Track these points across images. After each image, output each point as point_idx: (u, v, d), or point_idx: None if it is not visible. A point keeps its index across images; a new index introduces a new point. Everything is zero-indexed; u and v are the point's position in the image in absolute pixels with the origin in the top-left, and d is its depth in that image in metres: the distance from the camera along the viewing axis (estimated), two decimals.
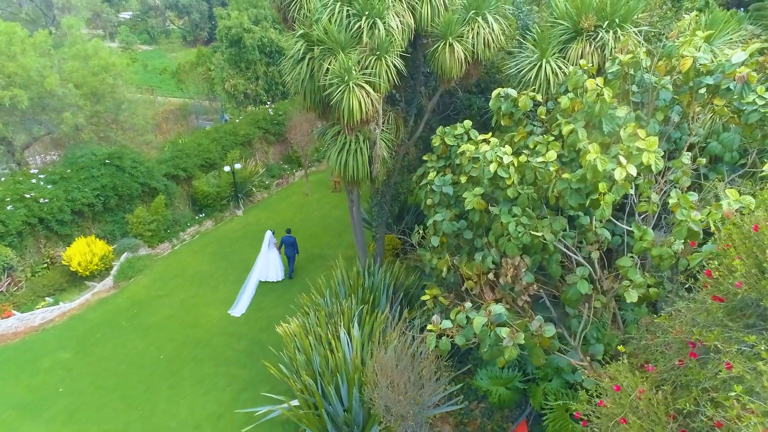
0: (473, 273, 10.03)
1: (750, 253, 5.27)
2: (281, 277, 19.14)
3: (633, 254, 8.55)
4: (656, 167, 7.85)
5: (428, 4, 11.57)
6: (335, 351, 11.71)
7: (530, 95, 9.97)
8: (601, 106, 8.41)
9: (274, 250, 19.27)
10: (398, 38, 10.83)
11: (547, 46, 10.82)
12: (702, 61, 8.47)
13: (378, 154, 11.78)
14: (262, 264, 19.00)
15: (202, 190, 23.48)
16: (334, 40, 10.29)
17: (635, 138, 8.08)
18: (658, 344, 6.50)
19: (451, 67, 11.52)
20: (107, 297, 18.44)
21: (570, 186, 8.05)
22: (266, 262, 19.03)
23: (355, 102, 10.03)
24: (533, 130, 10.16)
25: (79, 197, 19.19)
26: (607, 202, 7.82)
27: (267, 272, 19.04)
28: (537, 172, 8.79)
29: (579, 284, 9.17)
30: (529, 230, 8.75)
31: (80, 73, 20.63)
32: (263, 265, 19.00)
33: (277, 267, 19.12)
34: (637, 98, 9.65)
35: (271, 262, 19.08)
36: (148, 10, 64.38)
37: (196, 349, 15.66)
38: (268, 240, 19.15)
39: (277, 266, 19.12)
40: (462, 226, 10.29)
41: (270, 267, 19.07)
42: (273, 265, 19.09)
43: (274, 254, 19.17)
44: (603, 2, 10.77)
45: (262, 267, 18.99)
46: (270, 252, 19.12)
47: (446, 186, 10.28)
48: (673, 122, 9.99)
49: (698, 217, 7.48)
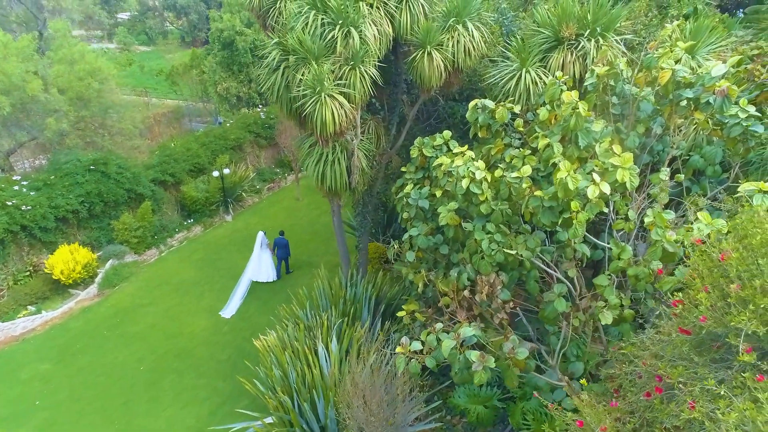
0: (449, 289, 9.77)
1: (716, 284, 5.00)
2: (273, 278, 19.21)
3: (610, 273, 8.28)
4: (631, 185, 7.58)
5: (407, 12, 11.30)
6: (312, 366, 11.47)
7: (508, 107, 9.70)
8: (576, 120, 8.14)
9: (267, 250, 19.32)
10: (374, 47, 10.56)
11: (527, 55, 10.55)
12: (681, 74, 8.19)
13: (356, 164, 11.52)
14: (255, 264, 19.05)
15: (191, 195, 23.25)
16: (308, 49, 10.03)
17: (610, 154, 7.81)
18: (628, 373, 6.24)
19: (430, 76, 11.25)
20: (90, 305, 18.22)
21: (542, 204, 7.78)
22: (258, 262, 19.09)
23: (328, 113, 9.77)
24: (511, 142, 9.89)
25: (63, 204, 18.96)
26: (581, 221, 7.55)
27: (259, 273, 19.11)
28: (511, 187, 8.53)
29: (556, 302, 8.91)
30: (502, 248, 8.48)
31: (65, 77, 20.39)
32: (256, 266, 19.06)
33: (269, 268, 19.19)
34: (617, 110, 9.37)
35: (263, 262, 19.16)
36: (147, 11, 64.18)
37: (178, 360, 15.42)
38: (261, 241, 19.16)
39: (269, 267, 19.19)
40: (438, 241, 10.03)
41: (262, 268, 19.14)
42: (265, 266, 19.17)
43: (267, 255, 19.23)
44: (584, 11, 10.49)
45: (255, 267, 19.04)
46: (262, 253, 19.17)
47: (422, 200, 10.01)
48: (655, 134, 9.71)
49: (673, 237, 7.21)
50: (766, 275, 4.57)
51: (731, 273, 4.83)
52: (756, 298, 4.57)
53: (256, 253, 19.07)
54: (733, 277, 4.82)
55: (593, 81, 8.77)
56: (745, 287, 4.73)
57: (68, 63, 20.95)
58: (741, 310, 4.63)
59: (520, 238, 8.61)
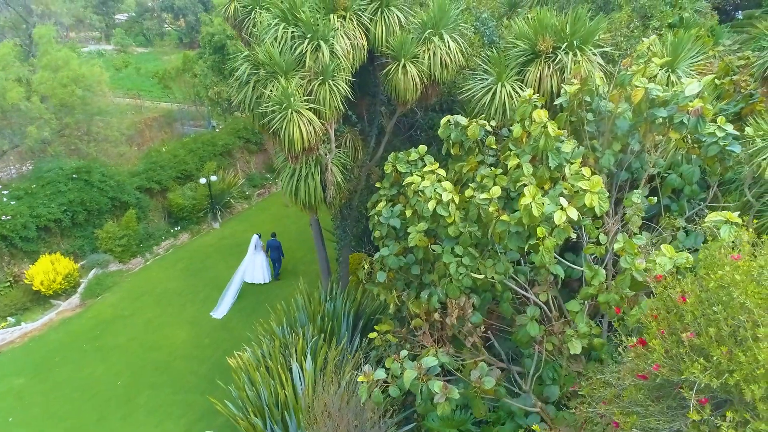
0: (421, 311, 9.49)
1: (673, 329, 4.71)
2: (267, 279, 19.30)
3: (582, 299, 8.00)
4: (600, 209, 7.29)
5: (382, 24, 11.01)
6: (285, 385, 11.20)
7: (480, 123, 9.41)
8: (546, 141, 7.86)
9: (261, 252, 19.39)
10: (345, 62, 10.26)
11: (503, 69, 10.25)
12: (654, 93, 7.89)
13: (330, 180, 11.24)
14: (249, 266, 19.08)
15: (177, 203, 22.98)
16: (276, 63, 9.75)
17: (580, 177, 7.53)
18: (589, 413, 5.95)
19: (405, 90, 10.97)
20: (71, 316, 17.97)
21: (509, 229, 7.49)
22: (252, 264, 19.15)
23: (296, 130, 9.49)
24: (485, 159, 9.60)
25: (45, 213, 18.72)
26: (548, 248, 7.26)
27: (253, 274, 19.18)
28: (480, 209, 8.25)
29: (529, 326, 8.63)
30: (470, 272, 8.20)
31: (48, 84, 20.15)
32: (250, 268, 19.10)
33: (263, 269, 19.28)
34: (591, 128, 9.08)
35: (257, 264, 19.23)
36: (144, 12, 64.00)
37: (155, 375, 15.16)
38: (254, 243, 19.24)
39: (263, 269, 19.27)
40: (410, 261, 9.75)
41: (256, 269, 19.22)
42: (259, 268, 19.24)
43: (261, 257, 19.30)
44: (562, 23, 10.20)
45: (249, 269, 19.09)
46: (256, 255, 19.22)
47: (393, 218, 9.73)
48: (633, 150, 9.40)
49: (643, 265, 6.91)
50: (721, 323, 4.28)
51: (687, 318, 4.55)
52: (711, 348, 4.29)
53: (249, 255, 19.05)
54: (690, 323, 4.54)
55: (564, 100, 8.47)
56: (701, 335, 4.44)
57: (52, 69, 20.72)
58: (695, 359, 4.35)
59: (490, 261, 8.32)
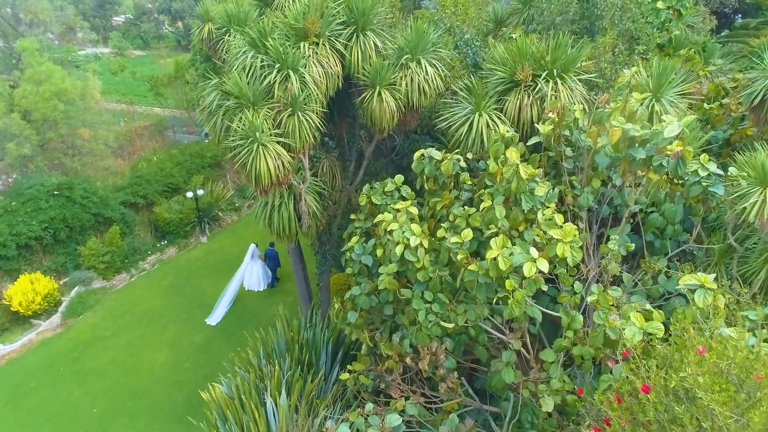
0: (393, 353, 9.11)
1: (635, 422, 4.33)
2: (264, 286, 19.33)
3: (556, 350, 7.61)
4: (573, 260, 6.90)
5: (357, 49, 10.61)
6: (258, 423, 10.84)
7: (455, 158, 9.01)
8: (518, 183, 7.47)
9: (258, 261, 19.44)
10: (315, 91, 9.85)
11: (481, 99, 9.86)
12: (632, 134, 7.49)
13: (304, 210, 10.86)
14: (247, 273, 19.16)
15: (164, 217, 22.61)
16: (243, 94, 9.37)
17: (552, 224, 7.14)
18: None
19: (381, 118, 10.57)
20: (51, 337, 17.64)
21: (477, 279, 7.11)
22: (250, 272, 19.22)
23: (263, 165, 9.10)
24: (460, 194, 9.20)
25: (25, 231, 18.39)
26: (517, 300, 6.88)
27: (250, 281, 19.25)
28: (451, 253, 7.86)
29: (504, 372, 8.26)
30: (440, 320, 7.82)
31: (31, 98, 19.80)
32: (248, 275, 19.18)
33: (259, 277, 19.29)
34: (569, 164, 8.68)
35: (254, 272, 19.27)
36: (142, 14, 63.62)
37: (133, 401, 14.82)
38: (252, 251, 19.28)
39: (259, 276, 19.29)
40: (383, 300, 9.35)
41: (254, 276, 19.27)
42: (257, 275, 19.28)
43: (258, 264, 19.33)
44: (542, 50, 9.79)
45: (247, 276, 19.17)
46: (253, 263, 19.22)
47: (365, 256, 9.34)
48: (615, 184, 8.98)
49: (617, 322, 6.52)
50: (687, 426, 3.89)
51: (648, 414, 4.16)
52: None
53: (246, 263, 19.07)
54: (652, 420, 4.15)
55: (537, 140, 8.08)
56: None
57: (35, 83, 20.38)
58: None
59: (461, 307, 7.94)
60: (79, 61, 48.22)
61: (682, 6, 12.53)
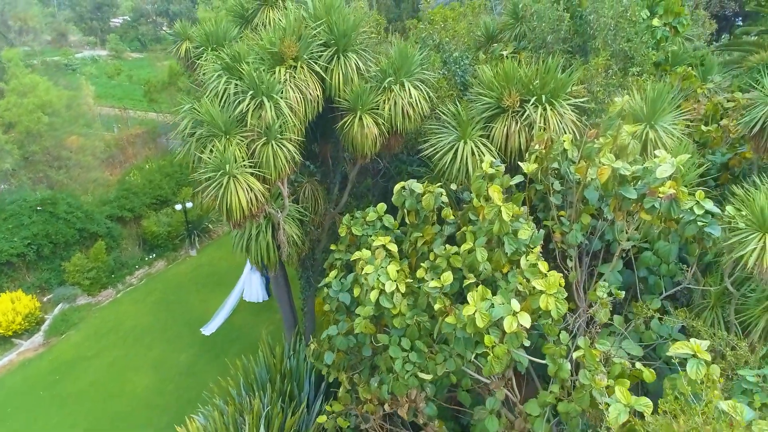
0: (372, 396, 8.64)
1: None
2: (262, 298, 19.02)
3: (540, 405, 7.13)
4: (557, 313, 6.42)
5: (338, 72, 10.12)
6: None
7: (437, 192, 8.52)
8: (500, 226, 6.98)
9: (257, 272, 18.93)
10: (295, 117, 9.37)
11: (466, 125, 9.36)
12: (622, 172, 7.00)
13: (281, 240, 10.38)
14: (246, 285, 19.01)
15: (152, 230, 22.17)
16: (215, 122, 8.88)
17: (536, 271, 6.66)
18: None
19: (362, 143, 10.08)
20: (32, 358, 17.19)
21: (455, 333, 6.63)
22: (249, 283, 19.05)
23: (234, 199, 8.62)
24: (442, 230, 8.72)
25: (7, 248, 17.98)
26: (497, 356, 6.39)
27: (250, 293, 19.06)
28: (430, 298, 7.38)
29: (487, 420, 7.78)
30: (418, 370, 7.34)
31: (14, 111, 19.36)
32: (247, 286, 19.03)
33: (258, 288, 19.07)
34: (557, 199, 8.18)
35: (254, 283, 19.07)
36: (140, 17, 63.19)
37: (112, 427, 14.38)
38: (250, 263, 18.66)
39: (258, 288, 19.06)
40: (361, 341, 8.87)
41: (253, 288, 19.07)
42: (255, 287, 19.06)
43: (257, 276, 18.99)
44: (530, 75, 9.29)
45: (247, 288, 19.02)
46: (252, 274, 18.90)
47: (343, 293, 8.85)
48: (605, 218, 8.48)
49: (604, 382, 6.04)
50: None
51: None
52: None
53: (245, 275, 18.92)
54: None
55: (520, 180, 7.59)
56: None
57: (19, 95, 19.94)
58: None
59: (440, 356, 7.45)
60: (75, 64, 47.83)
61: (679, 23, 12.02)
